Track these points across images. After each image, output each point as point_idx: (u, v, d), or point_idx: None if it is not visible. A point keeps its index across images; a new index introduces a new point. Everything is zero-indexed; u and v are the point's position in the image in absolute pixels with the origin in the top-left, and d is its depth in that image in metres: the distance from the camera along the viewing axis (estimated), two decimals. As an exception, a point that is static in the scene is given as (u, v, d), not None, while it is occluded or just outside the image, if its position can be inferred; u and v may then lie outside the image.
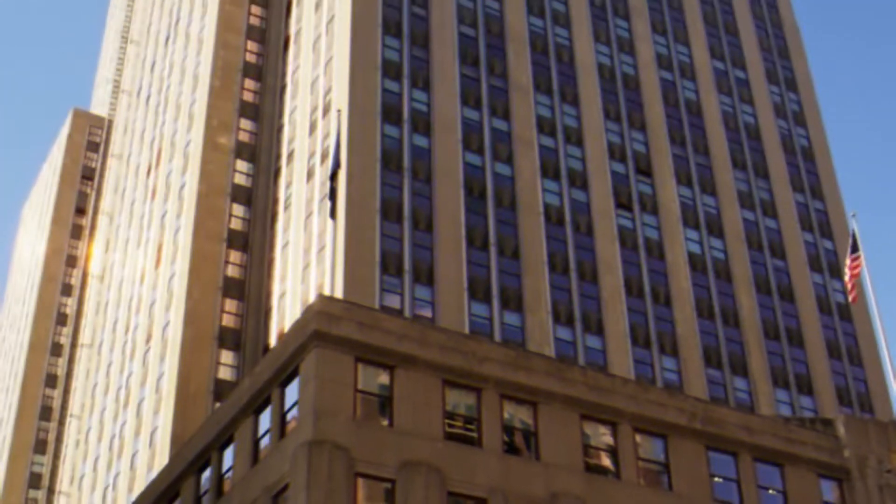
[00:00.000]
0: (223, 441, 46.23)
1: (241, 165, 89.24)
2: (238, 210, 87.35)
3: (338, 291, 69.67)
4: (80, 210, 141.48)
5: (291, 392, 41.46)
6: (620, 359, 78.67)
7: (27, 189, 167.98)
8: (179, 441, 73.94)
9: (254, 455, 43.22)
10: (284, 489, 39.52)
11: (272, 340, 78.24)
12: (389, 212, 75.52)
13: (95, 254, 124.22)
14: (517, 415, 43.77)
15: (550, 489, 42.39)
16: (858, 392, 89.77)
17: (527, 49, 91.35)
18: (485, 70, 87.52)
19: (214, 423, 47.42)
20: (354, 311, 42.27)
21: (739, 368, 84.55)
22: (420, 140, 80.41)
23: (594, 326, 79.42)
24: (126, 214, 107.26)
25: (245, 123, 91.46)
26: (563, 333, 77.82)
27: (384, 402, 41.18)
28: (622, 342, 79.85)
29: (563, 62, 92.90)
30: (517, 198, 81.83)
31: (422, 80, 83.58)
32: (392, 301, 71.81)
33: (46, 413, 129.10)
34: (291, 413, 41.19)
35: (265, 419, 42.91)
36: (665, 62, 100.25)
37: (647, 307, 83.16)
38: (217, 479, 46.26)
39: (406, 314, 70.64)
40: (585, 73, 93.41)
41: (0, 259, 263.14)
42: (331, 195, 61.45)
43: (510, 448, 43.00)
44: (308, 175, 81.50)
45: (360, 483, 38.98)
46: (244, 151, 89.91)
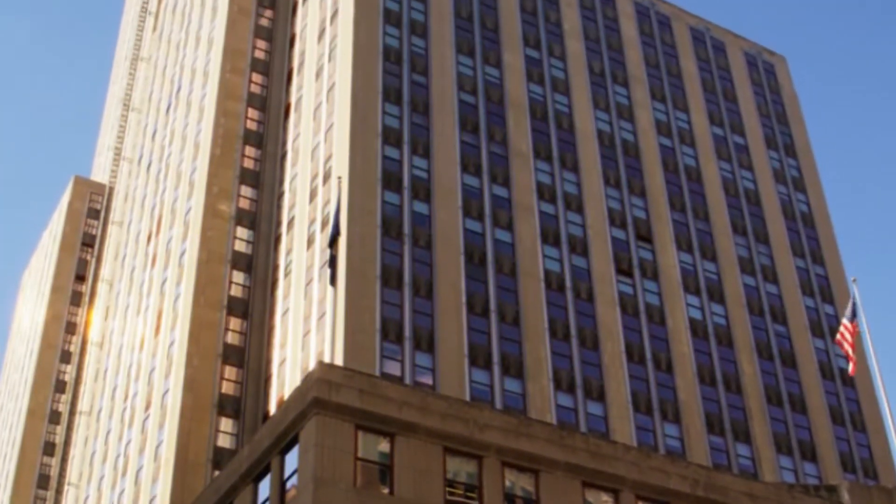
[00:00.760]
0: (222, 510, 45.78)
1: (242, 232, 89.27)
2: (238, 277, 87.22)
3: (338, 358, 69.36)
4: (80, 277, 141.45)
5: (291, 460, 41.14)
6: (622, 425, 78.17)
7: (27, 256, 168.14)
8: (178, 510, 73.26)
9: (253, 524, 42.79)
10: (284, 559, 39.08)
11: (272, 408, 77.77)
12: (389, 278, 75.43)
13: (95, 321, 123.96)
14: (519, 483, 43.41)
15: (553, 559, 41.93)
16: (862, 458, 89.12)
17: (526, 116, 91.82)
18: (485, 137, 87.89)
19: (213, 492, 46.98)
20: (354, 379, 42.06)
21: (742, 435, 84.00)
22: (420, 207, 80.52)
23: (595, 393, 79.01)
24: (126, 281, 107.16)
25: (245, 191, 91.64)
26: (565, 400, 77.39)
27: (385, 470, 40.85)
28: (623, 409, 79.39)
29: (563, 129, 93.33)
30: (517, 264, 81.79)
31: (422, 147, 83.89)
32: (392, 368, 71.49)
33: (44, 481, 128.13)
34: (291, 481, 40.84)
35: (264, 487, 42.53)
36: (664, 129, 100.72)
37: (649, 373, 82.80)
38: (216, 549, 45.76)
39: (406, 381, 70.28)
40: (585, 140, 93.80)
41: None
42: (331, 262, 61.46)
43: (512, 517, 42.58)
44: (308, 242, 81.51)
45: (361, 553, 38.55)
46: (244, 218, 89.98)
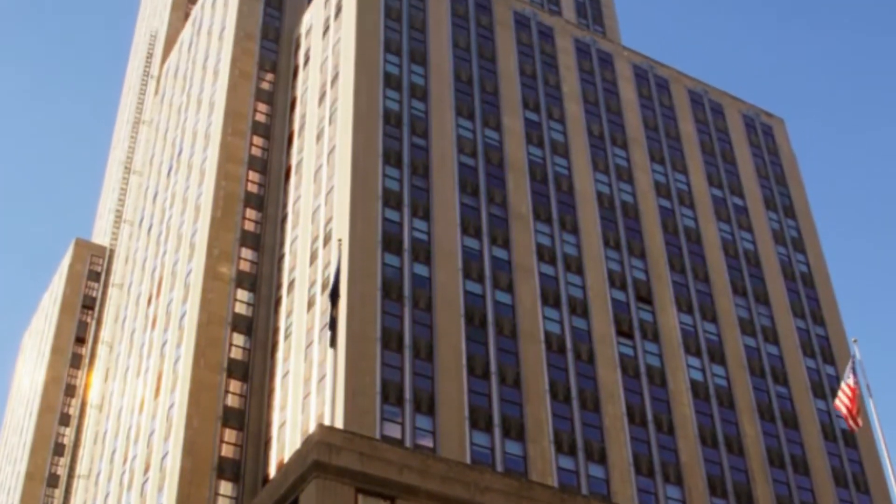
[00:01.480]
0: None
1: (242, 295, 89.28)
2: (238, 339, 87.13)
3: (338, 421, 69.12)
4: (80, 339, 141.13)
5: (291, 525, 40.94)
6: (624, 488, 77.77)
7: (28, 317, 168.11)
8: (176, 575, 72.63)
9: (252, 591, 42.47)
10: None
11: (272, 471, 77.38)
12: (390, 341, 75.40)
13: (94, 383, 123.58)
14: (520, 548, 43.13)
15: None
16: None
17: (526, 178, 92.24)
18: (484, 199, 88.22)
19: (212, 558, 46.68)
20: (355, 441, 41.97)
21: (744, 497, 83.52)
22: (420, 269, 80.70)
23: (597, 455, 78.68)
24: (126, 343, 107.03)
25: (246, 253, 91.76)
26: (566, 463, 77.07)
27: (385, 535, 40.64)
28: (625, 471, 79.01)
29: (563, 191, 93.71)
30: (518, 326, 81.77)
31: (422, 210, 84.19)
32: (393, 431, 71.25)
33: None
34: (291, 547, 40.61)
35: (264, 553, 42.24)
36: (663, 190, 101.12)
37: (650, 435, 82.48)
38: None
39: (407, 444, 69.98)
40: (585, 202, 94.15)
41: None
42: (331, 324, 61.49)
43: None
44: (309, 304, 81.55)
45: None
46: (245, 281, 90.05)
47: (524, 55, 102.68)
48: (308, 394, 76.27)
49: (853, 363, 54.61)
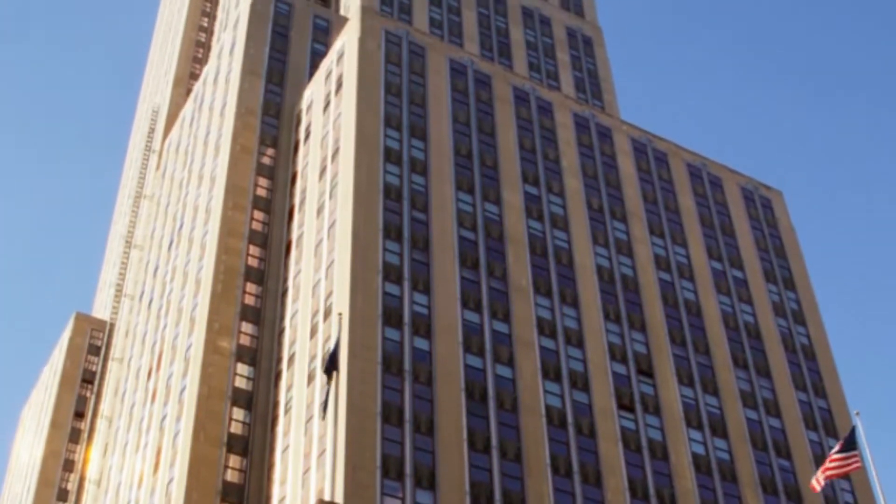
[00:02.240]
0: None
1: (242, 369, 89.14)
2: (238, 414, 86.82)
3: (338, 496, 68.78)
4: (79, 413, 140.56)
5: None
6: (626, 564, 77.09)
7: (27, 390, 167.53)
8: None
9: None
10: None
11: (271, 547, 76.78)
12: (390, 415, 75.17)
13: (93, 458, 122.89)
14: None
15: None
16: None
17: (526, 252, 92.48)
18: (485, 273, 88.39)
19: None
20: (355, 520, 41.69)
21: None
22: (421, 343, 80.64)
23: (599, 531, 78.07)
24: (125, 418, 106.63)
25: (246, 327, 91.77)
26: (568, 538, 76.46)
27: None
28: (628, 547, 78.36)
29: (563, 264, 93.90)
30: (518, 400, 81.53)
31: (422, 284, 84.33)
32: (393, 506, 70.82)
33: None
34: None
35: None
36: (663, 263, 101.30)
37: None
38: None
39: (407, 520, 69.55)
40: (584, 275, 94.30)
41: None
42: (324, 397, 61.37)
43: None
44: (309, 379, 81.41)
45: None
46: (245, 355, 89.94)
47: (523, 130, 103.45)
48: (308, 468, 75.90)
49: (849, 436, 54.42)
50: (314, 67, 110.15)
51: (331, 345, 77.49)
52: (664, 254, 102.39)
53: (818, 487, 55.25)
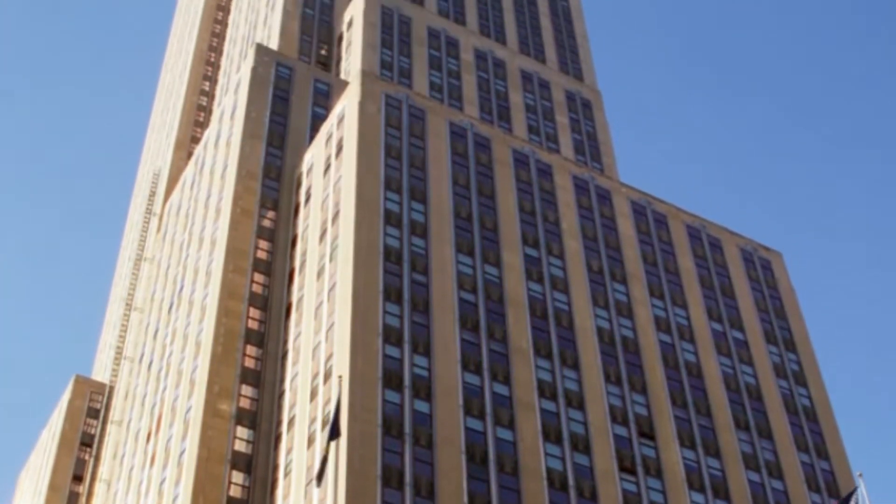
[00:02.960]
0: None
1: (242, 432, 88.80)
2: (237, 477, 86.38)
3: (338, 562, 68.24)
4: (78, 477, 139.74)
5: None
6: None
7: (25, 454, 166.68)
8: None
9: None
10: None
11: None
12: (390, 479, 74.81)
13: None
14: None
15: None
16: None
17: (526, 314, 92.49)
18: (485, 335, 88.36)
19: None
20: (355, 586, 41.42)
21: None
22: (421, 405, 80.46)
23: None
24: (124, 481, 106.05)
25: (246, 390, 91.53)
26: None
27: None
28: None
29: (563, 326, 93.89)
30: (519, 463, 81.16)
31: (422, 346, 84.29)
32: (393, 570, 70.33)
33: None
34: None
35: None
36: (663, 325, 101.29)
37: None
38: None
39: (408, 585, 69.00)
40: (585, 337, 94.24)
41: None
42: (322, 462, 61.07)
43: None
44: (309, 441, 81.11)
45: None
46: (245, 418, 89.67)
47: (523, 192, 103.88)
48: (308, 533, 75.37)
49: (850, 497, 54.11)
50: (315, 131, 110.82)
51: (331, 407, 77.26)
52: (664, 315, 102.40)
53: None
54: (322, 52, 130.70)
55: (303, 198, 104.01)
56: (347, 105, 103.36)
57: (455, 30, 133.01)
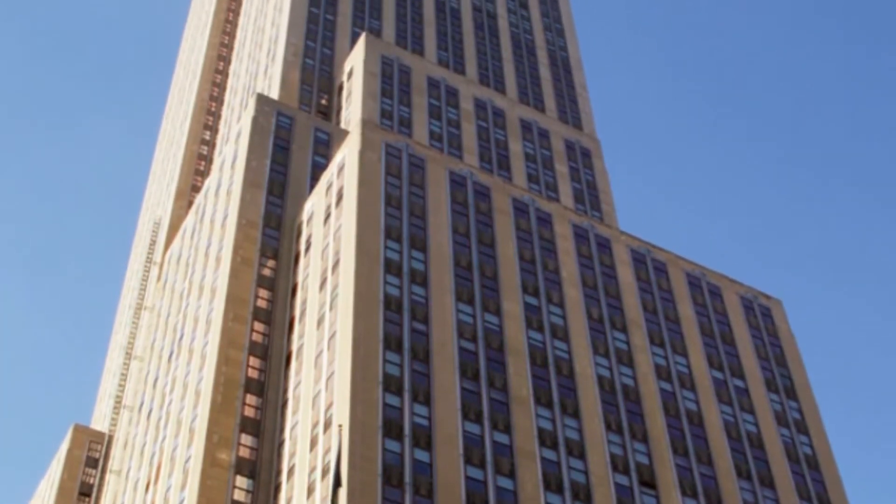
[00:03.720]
0: None
1: (241, 481, 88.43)
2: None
3: None
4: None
5: None
6: None
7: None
8: None
9: None
10: None
11: None
12: (391, 528, 74.48)
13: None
14: None
15: None
16: None
17: (526, 362, 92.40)
18: (485, 384, 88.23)
19: None
20: None
21: None
22: (421, 455, 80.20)
23: None
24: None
25: (246, 439, 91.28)
26: None
27: None
28: None
29: (563, 375, 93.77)
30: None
31: (423, 395, 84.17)
32: None
33: None
34: None
35: None
36: (664, 373, 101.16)
37: None
38: None
39: None
40: (585, 386, 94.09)
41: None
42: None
43: None
44: (309, 491, 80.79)
45: None
46: (244, 467, 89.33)
47: (523, 241, 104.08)
48: (307, 584, 74.93)
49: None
50: (315, 179, 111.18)
51: (331, 457, 77.10)
52: (665, 363, 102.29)
53: None
54: (322, 102, 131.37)
55: (303, 246, 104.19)
56: (348, 154, 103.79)
57: (455, 79, 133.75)
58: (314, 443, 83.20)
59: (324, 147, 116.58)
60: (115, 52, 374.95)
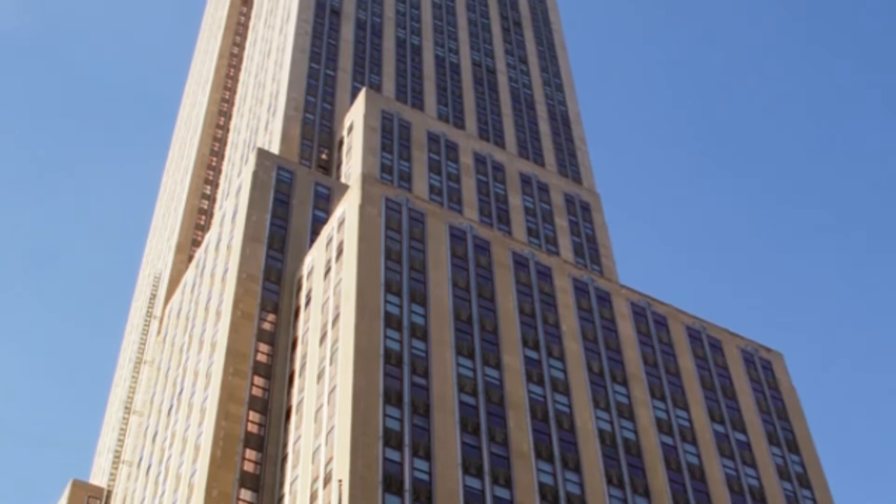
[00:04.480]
0: None
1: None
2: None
3: None
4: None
5: None
6: None
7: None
8: None
9: None
10: None
11: None
12: (391, 585, 73.97)
13: None
14: None
15: None
16: None
17: (527, 416, 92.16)
18: (485, 438, 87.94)
19: None
20: None
21: None
22: (422, 510, 79.79)
23: None
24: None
25: (245, 494, 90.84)
26: None
27: None
28: None
29: (564, 429, 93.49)
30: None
31: (423, 450, 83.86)
32: None
33: None
34: None
35: None
36: (665, 427, 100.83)
37: None
38: None
39: None
40: (586, 440, 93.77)
41: None
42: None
43: None
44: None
45: None
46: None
47: (523, 294, 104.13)
48: None
49: None
50: (315, 234, 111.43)
51: (331, 512, 76.71)
52: (666, 417, 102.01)
53: None
54: (323, 156, 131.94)
55: (303, 300, 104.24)
56: (348, 208, 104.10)
57: (454, 134, 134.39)
58: (314, 498, 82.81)
59: (324, 201, 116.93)
60: (118, 108, 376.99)
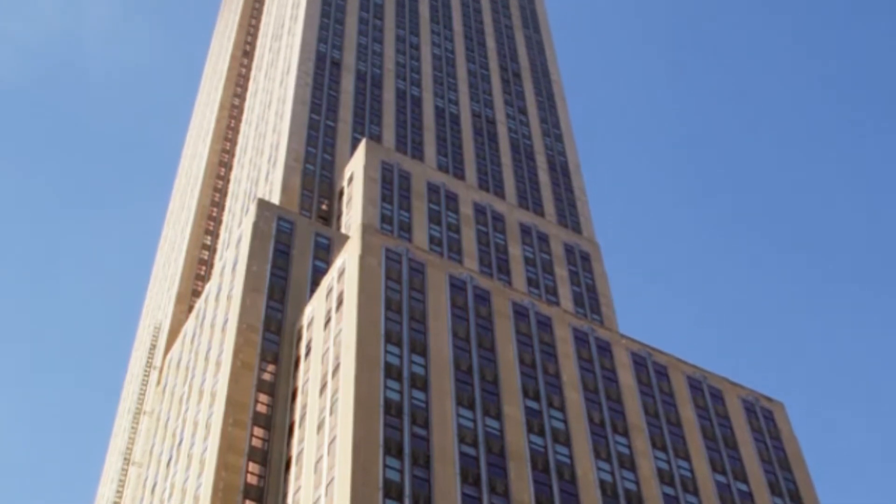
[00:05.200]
0: None
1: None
2: None
3: None
4: None
5: None
6: None
7: None
8: None
9: None
10: None
11: None
12: None
13: None
14: None
15: None
16: None
17: (527, 467, 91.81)
18: (486, 489, 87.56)
19: None
20: None
21: None
22: (422, 562, 79.32)
23: None
24: None
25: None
26: None
27: None
28: None
29: (565, 479, 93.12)
30: None
31: (423, 501, 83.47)
32: None
33: None
34: None
35: None
36: (667, 477, 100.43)
37: None
38: None
39: None
40: (587, 490, 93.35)
41: None
42: None
43: None
44: None
45: None
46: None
47: (523, 344, 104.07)
48: None
49: None
50: (315, 284, 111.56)
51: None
52: (667, 467, 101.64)
53: None
54: (323, 207, 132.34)
55: (303, 351, 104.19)
56: (348, 259, 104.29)
57: (454, 184, 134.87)
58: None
59: (324, 252, 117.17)
60: (118, 159, 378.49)
